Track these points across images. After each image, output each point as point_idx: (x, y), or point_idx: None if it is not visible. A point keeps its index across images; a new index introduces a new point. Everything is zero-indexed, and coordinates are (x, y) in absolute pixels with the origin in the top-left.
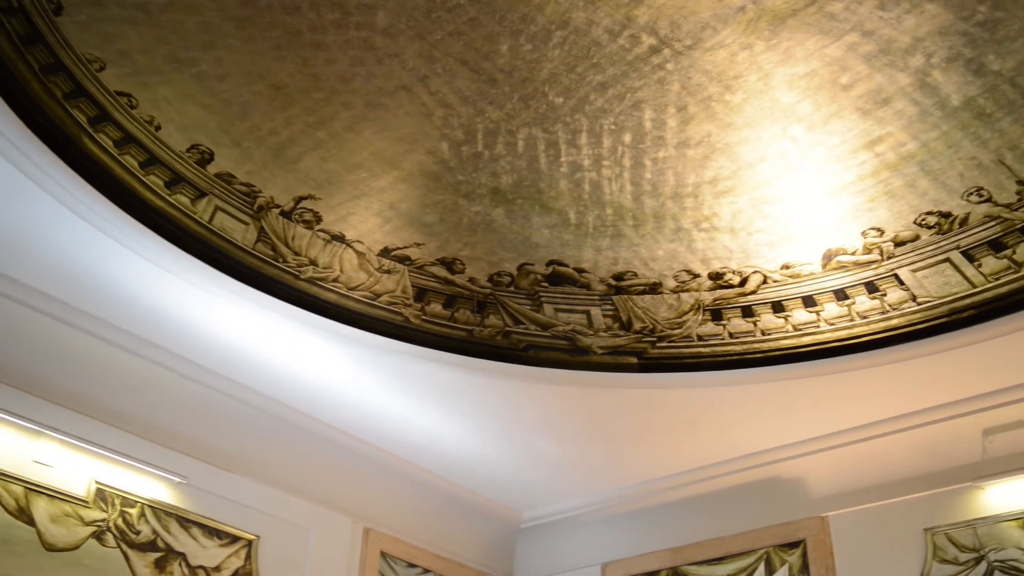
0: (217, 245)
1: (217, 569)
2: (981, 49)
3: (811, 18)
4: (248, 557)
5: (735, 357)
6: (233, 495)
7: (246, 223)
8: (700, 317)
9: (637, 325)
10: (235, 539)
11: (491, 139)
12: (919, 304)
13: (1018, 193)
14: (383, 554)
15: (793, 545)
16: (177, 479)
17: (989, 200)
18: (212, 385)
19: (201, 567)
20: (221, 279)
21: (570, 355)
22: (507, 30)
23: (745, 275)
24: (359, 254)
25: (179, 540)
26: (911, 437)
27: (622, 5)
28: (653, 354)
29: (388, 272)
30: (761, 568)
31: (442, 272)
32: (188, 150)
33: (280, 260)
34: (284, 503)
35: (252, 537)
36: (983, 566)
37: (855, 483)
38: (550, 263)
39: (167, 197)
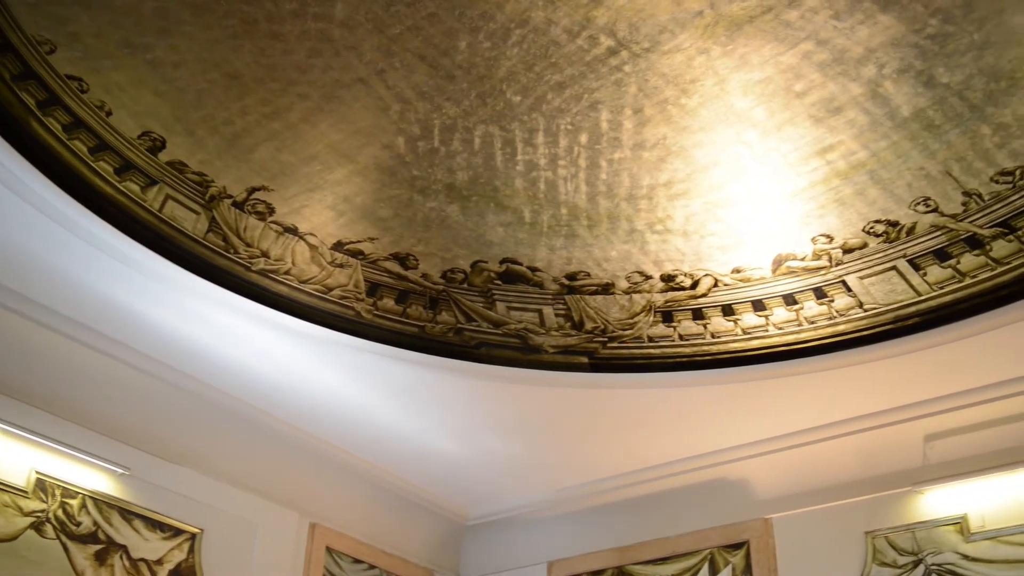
0: (167, 234)
1: (159, 562)
2: (931, 62)
3: (767, 25)
4: (191, 550)
5: (685, 359)
6: (177, 487)
7: (197, 213)
8: (651, 318)
9: (589, 325)
10: (178, 532)
11: (448, 135)
12: (865, 311)
13: (964, 204)
14: (329, 550)
15: (737, 546)
16: (120, 470)
17: (936, 210)
18: (158, 375)
19: (143, 560)
20: (170, 268)
21: (521, 353)
22: (466, 27)
23: (697, 278)
24: (312, 247)
25: (121, 532)
26: (854, 441)
27: (581, 6)
28: (604, 354)
29: (341, 266)
30: (705, 568)
31: (395, 267)
32: (139, 137)
33: (231, 251)
34: (230, 496)
35: (196, 530)
36: (920, 569)
37: (799, 486)
38: (504, 261)
39: (117, 184)
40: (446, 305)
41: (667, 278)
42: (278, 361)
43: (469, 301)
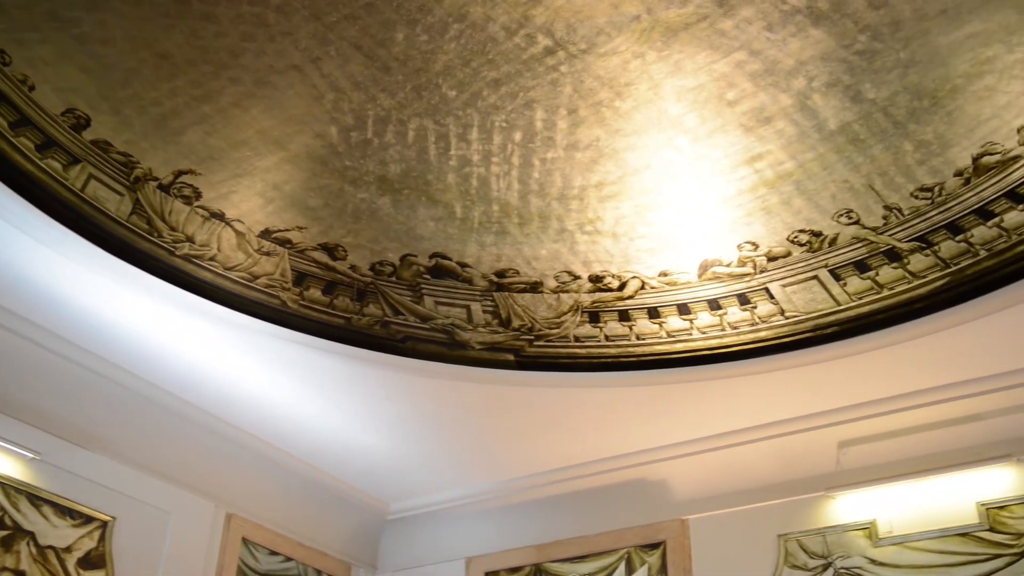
0: (88, 214)
1: (68, 550)
2: (859, 77)
3: (702, 33)
4: (102, 539)
5: (610, 360)
6: (89, 474)
7: (121, 194)
8: (578, 318)
9: (516, 323)
10: (89, 519)
11: (381, 127)
12: (787, 318)
13: (884, 218)
14: (245, 540)
15: (654, 546)
16: (29, 455)
17: (857, 223)
18: (73, 358)
19: (51, 547)
20: (90, 249)
21: (448, 349)
22: (404, 19)
23: (624, 280)
24: (238, 234)
25: (28, 518)
26: (771, 446)
27: (520, 4)
28: (530, 352)
29: (267, 254)
30: (622, 567)
31: (323, 258)
32: (63, 114)
33: (155, 234)
34: (144, 484)
35: (107, 518)
36: (830, 572)
37: (716, 488)
38: (433, 256)
39: (37, 161)
40: (373, 298)
41: (595, 279)
42: (199, 348)
43: (397, 294)
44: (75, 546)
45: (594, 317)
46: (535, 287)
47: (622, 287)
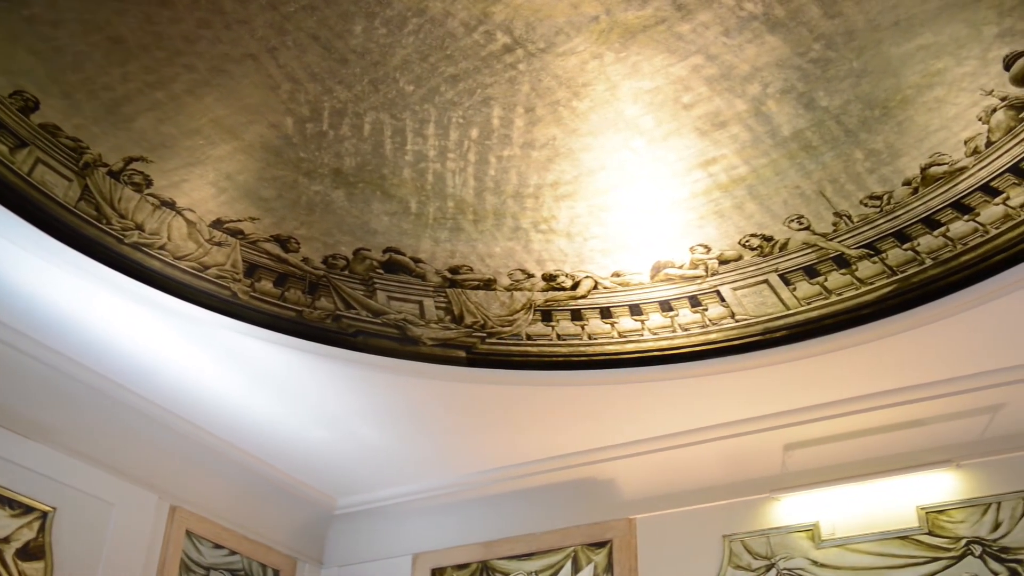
0: (35, 199)
1: (6, 540)
2: (813, 85)
3: (660, 36)
4: (42, 529)
5: (561, 358)
6: (30, 463)
7: (69, 180)
8: (531, 317)
9: (468, 319)
10: (29, 509)
11: (337, 119)
12: (737, 321)
13: (834, 224)
14: (189, 533)
15: (600, 545)
16: None
17: (808, 228)
18: (15, 345)
19: None
20: (36, 235)
21: (399, 344)
22: (362, 11)
23: (577, 279)
24: (189, 223)
25: None
26: (718, 447)
27: (479, 0)
28: (482, 349)
29: (219, 244)
30: (568, 566)
31: (275, 249)
32: (11, 96)
33: (103, 221)
34: (85, 475)
35: (48, 509)
36: (772, 573)
37: (663, 488)
38: (387, 250)
39: None
40: (326, 291)
41: (548, 277)
42: (146, 338)
43: (349, 288)
44: (14, 536)
45: (547, 316)
46: (488, 284)
47: (575, 286)
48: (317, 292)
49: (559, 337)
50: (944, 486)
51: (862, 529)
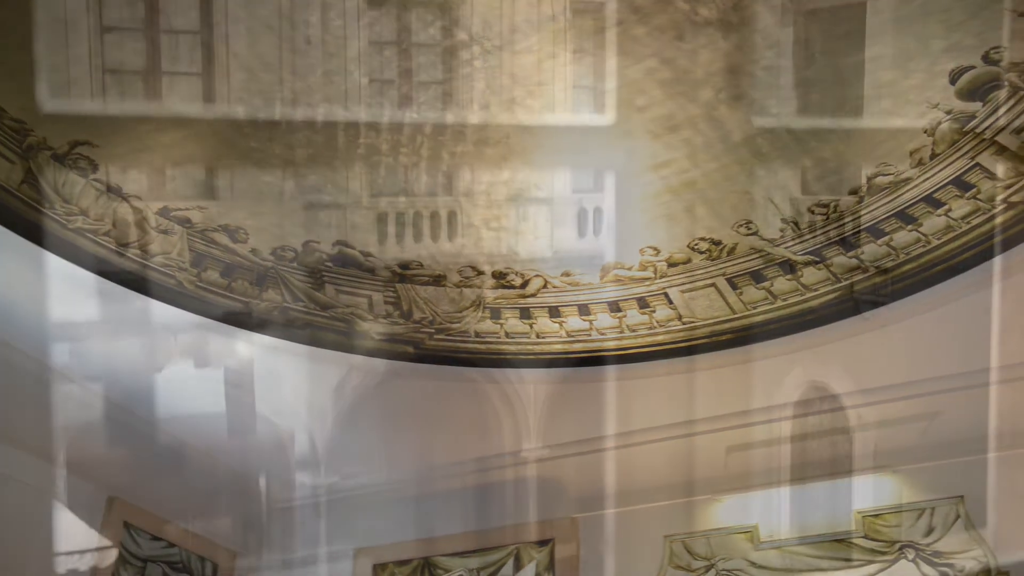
0: None
1: None
2: (764, 92)
3: (616, 37)
4: None
5: (508, 356)
6: None
7: (12, 162)
8: (480, 314)
9: (417, 315)
10: None
11: (290, 110)
12: (684, 324)
13: (781, 231)
14: (127, 525)
15: (543, 543)
16: None
17: (755, 234)
18: None
19: None
20: None
21: (346, 338)
22: (319, 1)
23: (527, 278)
24: (135, 210)
25: None
26: (662, 448)
27: None
28: (430, 345)
29: (165, 232)
30: (510, 563)
31: (223, 239)
32: None
33: (47, 205)
34: (23, 464)
35: None
36: (711, 574)
37: (606, 488)
38: (337, 243)
39: None
40: (273, 283)
41: (498, 275)
42: (89, 326)
43: (298, 280)
44: None
45: (496, 313)
46: (438, 280)
47: (525, 285)
48: (265, 283)
49: (507, 335)
50: (882, 491)
51: (800, 532)
